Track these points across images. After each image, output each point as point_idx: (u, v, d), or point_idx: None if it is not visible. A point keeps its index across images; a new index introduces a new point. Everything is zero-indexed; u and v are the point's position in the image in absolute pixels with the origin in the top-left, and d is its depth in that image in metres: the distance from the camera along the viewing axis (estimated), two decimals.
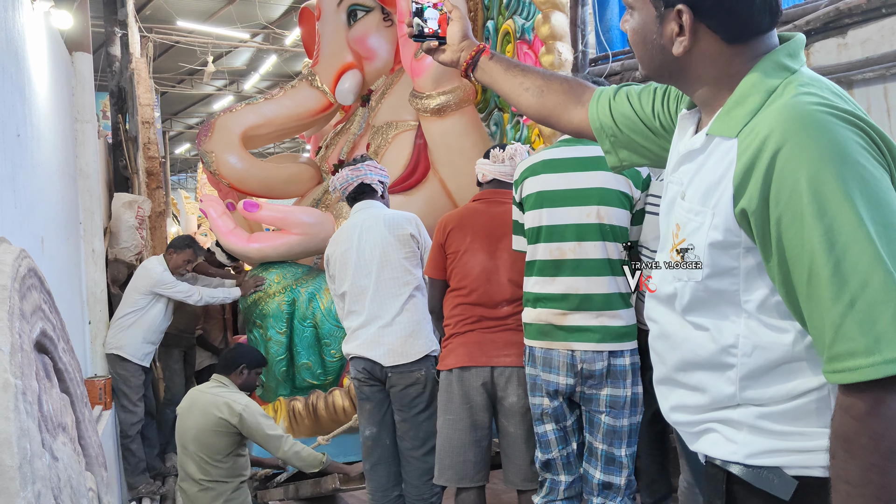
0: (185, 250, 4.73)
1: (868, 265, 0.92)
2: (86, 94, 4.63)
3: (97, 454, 2.39)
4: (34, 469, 1.43)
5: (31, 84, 3.12)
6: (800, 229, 0.96)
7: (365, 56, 4.91)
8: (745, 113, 1.07)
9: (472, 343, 2.52)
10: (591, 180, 2.27)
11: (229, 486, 3.26)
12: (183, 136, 21.53)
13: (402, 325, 2.79)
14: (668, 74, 1.20)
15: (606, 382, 2.25)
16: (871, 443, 0.93)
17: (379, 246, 2.83)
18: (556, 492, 2.34)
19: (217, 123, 4.73)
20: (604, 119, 1.46)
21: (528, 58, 3.75)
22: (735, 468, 1.12)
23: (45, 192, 3.29)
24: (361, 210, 2.96)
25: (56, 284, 2.78)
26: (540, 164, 2.35)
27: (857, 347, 0.92)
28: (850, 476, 0.95)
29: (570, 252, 2.25)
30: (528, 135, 3.76)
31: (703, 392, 1.17)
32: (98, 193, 4.77)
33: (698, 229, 1.12)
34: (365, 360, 2.83)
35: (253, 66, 15.64)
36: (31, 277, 2.09)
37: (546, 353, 2.30)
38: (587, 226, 2.24)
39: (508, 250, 2.52)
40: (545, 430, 2.34)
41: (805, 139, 0.97)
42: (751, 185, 1.02)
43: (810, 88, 1.03)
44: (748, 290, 1.09)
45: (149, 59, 9.16)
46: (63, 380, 2.23)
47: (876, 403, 0.92)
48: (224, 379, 3.41)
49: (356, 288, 2.87)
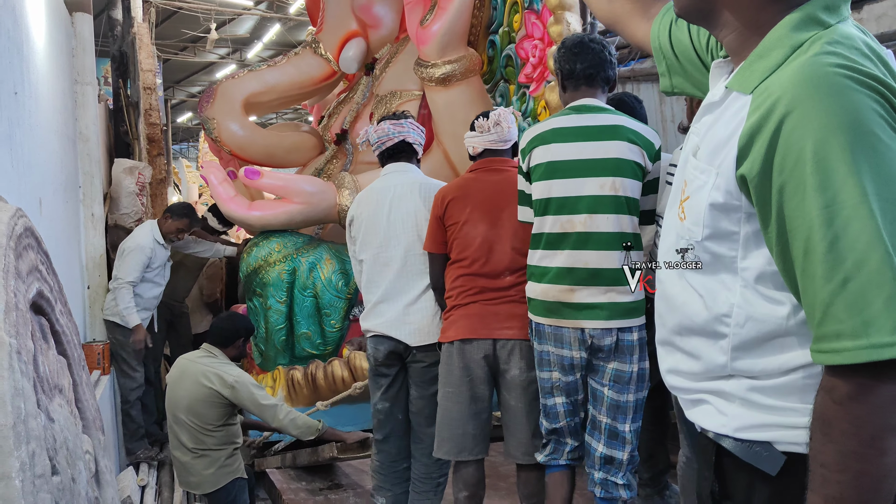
0: (182, 219, 4.68)
1: (866, 244, 0.87)
2: (86, 55, 4.57)
3: (94, 417, 2.39)
4: (28, 429, 1.41)
5: (30, 42, 3.07)
6: (801, 200, 0.92)
7: (369, 24, 4.83)
8: (765, 68, 1.02)
9: (474, 315, 2.47)
10: (607, 150, 2.18)
11: (223, 454, 3.27)
12: (185, 105, 21.38)
13: (428, 306, 2.70)
14: (697, 14, 1.15)
15: (614, 357, 2.21)
16: (851, 428, 0.90)
17: (412, 217, 2.70)
18: (560, 451, 2.33)
19: (219, 90, 4.67)
20: (663, 41, 1.40)
21: (536, 28, 3.69)
22: (726, 442, 1.11)
23: (43, 152, 3.25)
24: (396, 172, 2.79)
25: (54, 247, 2.75)
26: (550, 133, 2.26)
27: (845, 329, 0.89)
28: (826, 459, 0.93)
29: (580, 225, 2.18)
30: (535, 107, 3.70)
31: (698, 359, 1.16)
32: (98, 157, 4.73)
33: (701, 188, 1.09)
34: (388, 340, 2.74)
35: (256, 34, 15.49)
36: (28, 237, 2.06)
37: (556, 329, 2.25)
38: (601, 197, 2.17)
39: (511, 219, 2.45)
40: (555, 403, 2.31)
41: (816, 104, 0.91)
42: (755, 148, 0.98)
43: (836, 48, 0.95)
44: (746, 257, 1.06)
45: (151, 25, 9.05)
46: (60, 342, 2.22)
47: (860, 389, 0.89)
48: (214, 350, 3.38)
49: (381, 258, 2.75)
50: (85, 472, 1.95)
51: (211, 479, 3.26)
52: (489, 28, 4.31)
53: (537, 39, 3.70)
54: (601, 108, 2.26)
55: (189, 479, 3.33)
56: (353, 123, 4.85)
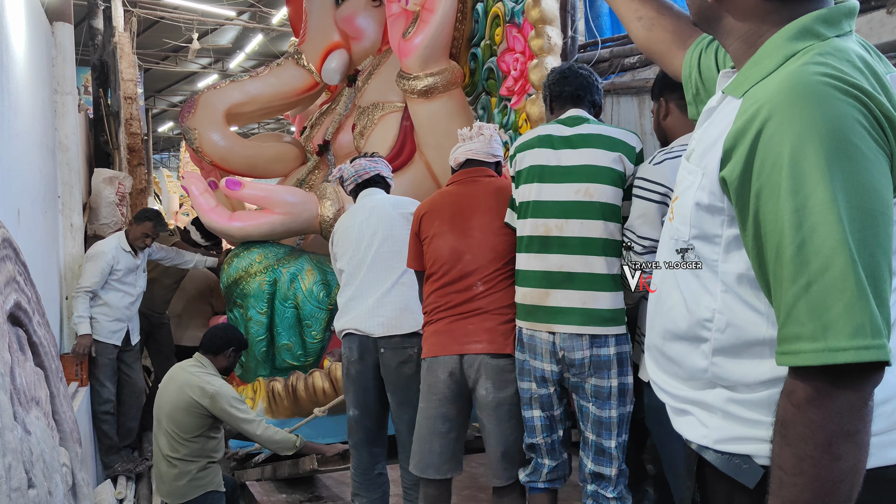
0: (144, 223, 4.61)
1: (831, 250, 0.88)
2: (66, 65, 4.54)
3: (72, 430, 2.36)
4: (5, 441, 1.40)
5: (10, 51, 3.05)
6: (775, 204, 0.93)
7: (352, 36, 4.86)
8: (757, 75, 1.04)
9: (442, 332, 2.45)
10: (581, 157, 2.22)
11: (194, 466, 3.23)
12: (166, 115, 21.26)
13: (398, 297, 2.78)
14: (706, 21, 1.17)
15: (590, 372, 2.19)
16: (807, 432, 0.91)
17: (384, 220, 2.85)
18: (538, 473, 2.32)
19: (201, 100, 4.66)
20: (692, 69, 1.43)
21: (518, 41, 3.72)
22: (707, 453, 1.13)
23: (22, 162, 3.22)
24: (369, 195, 2.99)
25: (32, 258, 2.73)
26: (535, 139, 2.31)
27: (804, 332, 0.90)
28: (783, 462, 0.94)
29: (555, 229, 2.21)
30: (516, 120, 3.73)
31: (680, 364, 1.17)
32: (77, 167, 4.70)
33: (689, 188, 1.11)
34: (357, 337, 2.80)
35: (238, 44, 15.46)
36: (6, 248, 2.05)
37: (530, 338, 2.26)
38: (574, 203, 2.20)
39: (482, 228, 2.45)
40: (532, 416, 2.30)
41: (796, 110, 0.93)
42: (737, 152, 0.99)
43: (827, 58, 0.96)
44: (727, 261, 1.07)
45: (132, 34, 9.02)
46: (38, 354, 2.20)
47: (817, 393, 0.90)
48: (204, 360, 3.38)
49: (354, 261, 2.87)
50: (62, 485, 1.94)
51: (180, 491, 3.22)
52: (471, 41, 4.34)
53: (518, 53, 3.74)
54: (583, 119, 2.31)
55: (161, 486, 3.30)
56: (336, 134, 4.86)
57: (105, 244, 4.55)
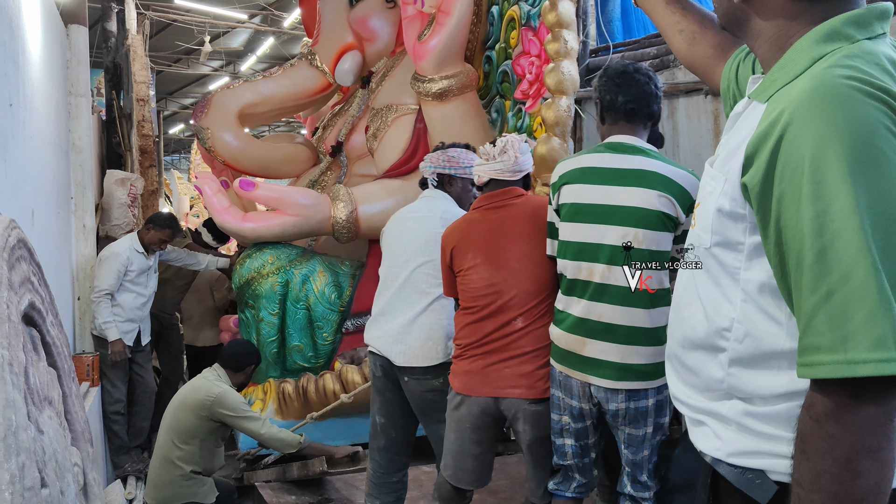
0: (165, 230, 4.65)
1: (853, 257, 0.85)
2: (81, 67, 4.55)
3: (83, 430, 2.36)
4: (19, 441, 1.39)
5: (26, 54, 3.06)
6: (797, 210, 0.91)
7: (366, 37, 4.85)
8: (783, 78, 1.01)
9: (476, 372, 2.34)
10: (632, 198, 2.02)
11: (179, 472, 3.20)
12: (178, 117, 21.38)
13: (424, 326, 2.68)
14: (734, 23, 1.15)
15: (625, 423, 2.09)
16: (825, 447, 0.88)
17: (426, 238, 2.72)
18: (567, 484, 2.26)
19: (214, 100, 4.67)
20: (730, 82, 1.39)
21: (533, 45, 3.71)
22: (721, 466, 1.11)
23: (36, 164, 3.23)
24: (426, 199, 2.87)
25: (45, 258, 2.73)
26: (578, 172, 2.13)
27: (823, 343, 0.87)
28: (802, 478, 0.91)
29: (598, 275, 2.04)
30: (531, 123, 3.71)
31: (698, 374, 1.16)
32: (90, 169, 4.71)
33: (711, 194, 1.09)
34: (382, 358, 2.75)
35: (250, 47, 15.52)
36: (21, 248, 2.05)
37: (566, 379, 2.16)
38: (622, 248, 2.02)
39: (521, 257, 2.31)
40: (563, 444, 2.22)
41: (819, 113, 0.90)
42: (759, 157, 0.97)
43: (854, 61, 0.93)
44: (749, 268, 1.05)
45: (145, 37, 9.06)
46: (51, 354, 2.20)
47: (836, 406, 0.87)
48: (222, 372, 3.41)
49: (391, 273, 2.80)
50: (73, 485, 1.93)
51: (163, 494, 3.21)
52: (485, 44, 4.33)
53: (534, 56, 3.72)
54: (636, 149, 2.09)
55: (149, 485, 3.30)
56: (349, 135, 4.85)
57: (118, 245, 4.57)
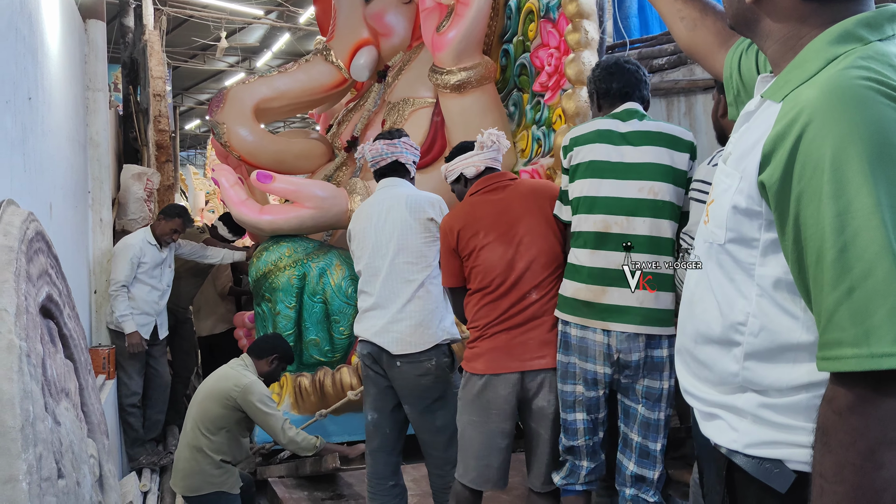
0: (174, 219, 4.68)
1: (875, 254, 0.87)
2: (98, 62, 4.58)
3: (99, 422, 2.37)
4: (36, 431, 1.39)
5: (44, 48, 3.07)
6: (816, 208, 0.92)
7: (381, 32, 4.84)
8: (797, 79, 1.03)
9: (501, 347, 2.36)
10: (646, 155, 2.20)
11: (209, 461, 3.20)
12: (193, 112, 21.47)
13: (413, 315, 2.70)
14: (744, 24, 1.16)
15: (643, 374, 2.17)
16: (848, 440, 0.89)
17: (398, 228, 2.74)
18: (576, 475, 2.28)
19: (230, 95, 4.68)
20: (733, 71, 1.43)
21: (552, 36, 3.68)
22: (738, 458, 1.12)
23: (54, 157, 3.24)
24: (387, 187, 2.87)
25: (63, 251, 2.74)
26: (594, 134, 2.26)
27: (846, 337, 0.89)
28: (824, 470, 0.92)
29: (617, 226, 2.18)
30: (550, 115, 3.69)
31: (711, 368, 1.17)
32: (107, 163, 4.73)
33: (726, 191, 1.11)
34: (372, 346, 2.76)
35: (266, 43, 15.55)
36: (39, 241, 2.05)
37: (581, 340, 2.20)
38: (639, 201, 2.17)
39: (531, 232, 2.40)
40: (575, 419, 2.25)
41: (838, 113, 0.92)
42: (777, 156, 0.98)
43: (869, 62, 0.95)
44: (764, 264, 1.07)
45: (162, 32, 9.09)
46: (67, 346, 2.21)
47: (859, 399, 0.89)
48: (248, 360, 3.42)
49: (370, 268, 2.80)
50: (90, 476, 1.93)
51: (191, 483, 3.21)
52: (502, 37, 4.30)
53: (553, 48, 3.69)
54: (640, 114, 2.28)
55: (176, 474, 3.30)
56: (364, 131, 4.84)
57: (131, 238, 4.61)
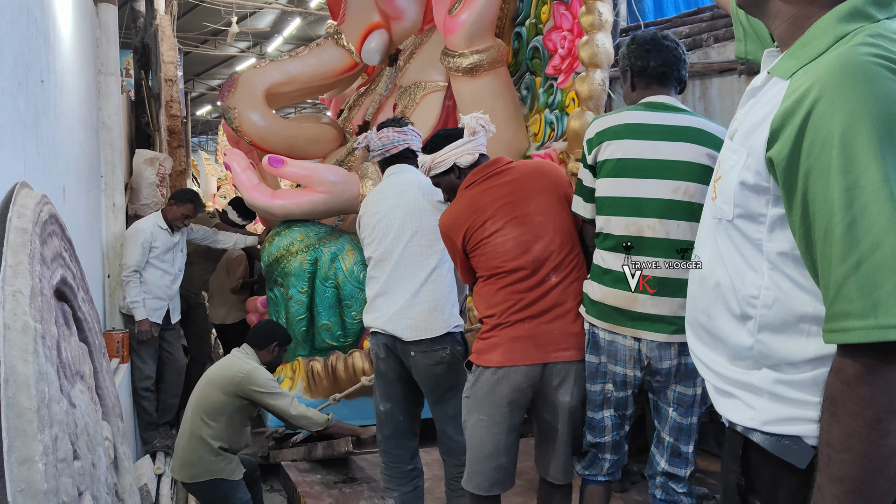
0: (186, 204, 4.70)
1: (883, 228, 0.89)
2: (110, 46, 4.57)
3: (114, 405, 2.39)
4: (52, 413, 1.40)
5: (57, 30, 3.06)
6: (825, 183, 0.94)
7: (392, 16, 4.80)
8: (806, 56, 1.04)
9: (524, 337, 2.23)
10: (681, 152, 2.04)
11: (208, 448, 3.20)
12: (205, 98, 21.50)
13: (427, 299, 2.64)
14: (753, 4, 1.18)
15: (675, 380, 2.09)
16: (856, 408, 0.92)
17: (412, 211, 2.70)
18: (599, 467, 2.24)
19: (241, 79, 4.66)
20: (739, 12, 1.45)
21: (566, 19, 3.64)
22: (755, 435, 1.14)
23: (67, 141, 3.25)
24: (396, 174, 2.82)
25: (76, 235, 2.74)
26: (623, 128, 2.10)
27: (854, 309, 0.91)
28: (832, 439, 0.95)
29: (648, 229, 2.04)
30: (563, 99, 3.65)
31: (725, 342, 1.19)
32: (120, 147, 4.74)
33: (733, 167, 1.12)
34: (386, 336, 2.71)
35: (277, 28, 15.52)
36: (53, 224, 2.06)
37: (611, 344, 2.12)
38: (673, 202, 2.02)
39: (543, 210, 2.29)
40: (602, 416, 2.19)
41: (847, 90, 0.93)
42: (785, 132, 1.00)
43: (878, 39, 0.97)
44: (772, 240, 1.08)
45: (173, 17, 9.07)
46: (82, 329, 2.21)
47: (866, 369, 0.91)
48: (249, 350, 3.43)
49: (381, 253, 2.74)
50: (105, 458, 1.95)
51: (190, 469, 3.22)
52: (515, 20, 4.26)
53: (566, 31, 3.65)
54: (677, 108, 2.13)
55: (176, 460, 3.32)
56: (376, 115, 4.82)
57: (142, 223, 4.64)
